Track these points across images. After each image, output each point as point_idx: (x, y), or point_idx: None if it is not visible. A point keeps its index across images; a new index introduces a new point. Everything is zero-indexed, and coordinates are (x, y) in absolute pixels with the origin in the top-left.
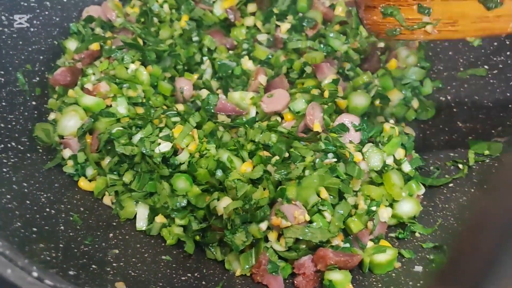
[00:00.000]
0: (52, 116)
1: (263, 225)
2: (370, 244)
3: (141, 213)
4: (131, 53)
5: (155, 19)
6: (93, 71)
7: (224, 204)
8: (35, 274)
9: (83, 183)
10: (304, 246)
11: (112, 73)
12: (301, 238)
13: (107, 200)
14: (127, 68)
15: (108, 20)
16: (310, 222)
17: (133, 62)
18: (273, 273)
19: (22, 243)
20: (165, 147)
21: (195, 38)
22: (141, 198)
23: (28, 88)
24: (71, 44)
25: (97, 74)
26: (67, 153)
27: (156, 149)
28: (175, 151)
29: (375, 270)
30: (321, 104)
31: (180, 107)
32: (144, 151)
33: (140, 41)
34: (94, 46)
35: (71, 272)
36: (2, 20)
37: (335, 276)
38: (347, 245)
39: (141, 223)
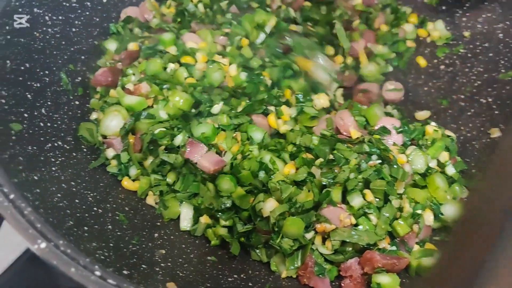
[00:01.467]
0: (94, 115)
1: (309, 235)
2: (416, 247)
3: (185, 213)
4: None
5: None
6: (133, 72)
7: (269, 206)
8: (98, 273)
9: (126, 183)
10: (350, 248)
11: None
12: (347, 240)
13: (150, 200)
14: (165, 68)
15: (146, 21)
16: (356, 225)
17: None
18: (320, 275)
19: (78, 242)
20: None
21: None
22: (185, 198)
23: (71, 88)
24: (111, 45)
25: (137, 75)
26: (110, 153)
27: None
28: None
29: (423, 274)
30: None
31: None
32: None
33: None
34: (133, 46)
35: (125, 272)
36: (46, 20)
37: (383, 279)
38: (394, 248)
39: (185, 223)
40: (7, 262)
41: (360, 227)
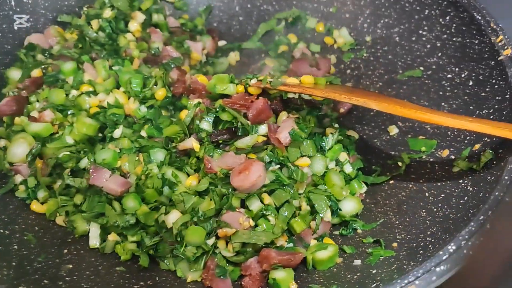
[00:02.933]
0: (2, 143)
1: (211, 241)
2: (313, 242)
3: (93, 231)
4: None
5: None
6: (36, 98)
7: (172, 218)
8: None
9: (35, 206)
10: (250, 249)
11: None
12: (247, 242)
13: (59, 220)
14: (67, 95)
15: (50, 47)
16: (256, 226)
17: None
18: (221, 277)
19: None
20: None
21: None
22: (92, 218)
23: None
24: (14, 73)
25: (41, 102)
26: (18, 178)
27: None
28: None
29: (318, 266)
30: None
31: None
32: None
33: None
34: (37, 73)
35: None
36: None
37: (279, 274)
38: (291, 244)
39: (94, 241)
40: None
41: (258, 228)
